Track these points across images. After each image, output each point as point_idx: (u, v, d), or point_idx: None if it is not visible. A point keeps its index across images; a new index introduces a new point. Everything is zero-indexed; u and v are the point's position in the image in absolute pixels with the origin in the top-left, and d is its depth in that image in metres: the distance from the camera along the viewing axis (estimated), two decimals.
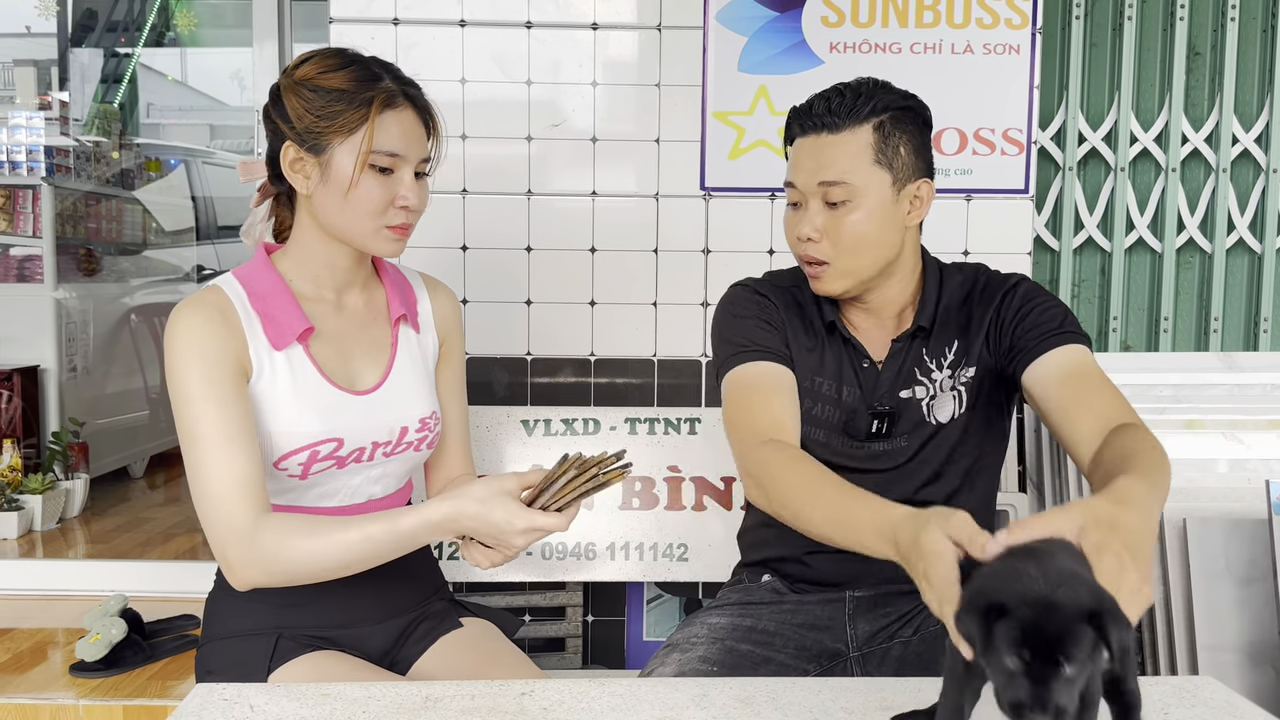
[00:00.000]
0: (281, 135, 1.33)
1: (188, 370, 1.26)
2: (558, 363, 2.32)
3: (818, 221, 1.39)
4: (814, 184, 1.38)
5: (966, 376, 1.44)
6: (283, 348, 1.32)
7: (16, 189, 3.82)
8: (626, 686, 1.12)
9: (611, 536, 2.11)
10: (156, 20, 5.51)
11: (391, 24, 2.23)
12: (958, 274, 1.50)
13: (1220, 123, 2.43)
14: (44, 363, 3.71)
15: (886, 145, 1.37)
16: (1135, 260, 2.50)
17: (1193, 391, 2.22)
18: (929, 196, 1.43)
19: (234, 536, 1.23)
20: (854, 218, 1.37)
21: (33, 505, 3.13)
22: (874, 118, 1.37)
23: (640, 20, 2.26)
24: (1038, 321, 1.38)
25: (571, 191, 2.29)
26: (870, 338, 1.49)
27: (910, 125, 1.40)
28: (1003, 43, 2.24)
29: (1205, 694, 1.11)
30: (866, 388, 1.46)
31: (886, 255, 1.41)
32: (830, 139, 1.38)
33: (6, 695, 1.91)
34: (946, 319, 1.46)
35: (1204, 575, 1.87)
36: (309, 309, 1.37)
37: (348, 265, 1.40)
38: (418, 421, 1.43)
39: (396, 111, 1.31)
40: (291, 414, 1.32)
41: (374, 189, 1.31)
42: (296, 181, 1.33)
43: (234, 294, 1.33)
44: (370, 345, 1.42)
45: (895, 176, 1.38)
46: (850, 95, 1.38)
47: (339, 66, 1.32)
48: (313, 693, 1.09)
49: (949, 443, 1.45)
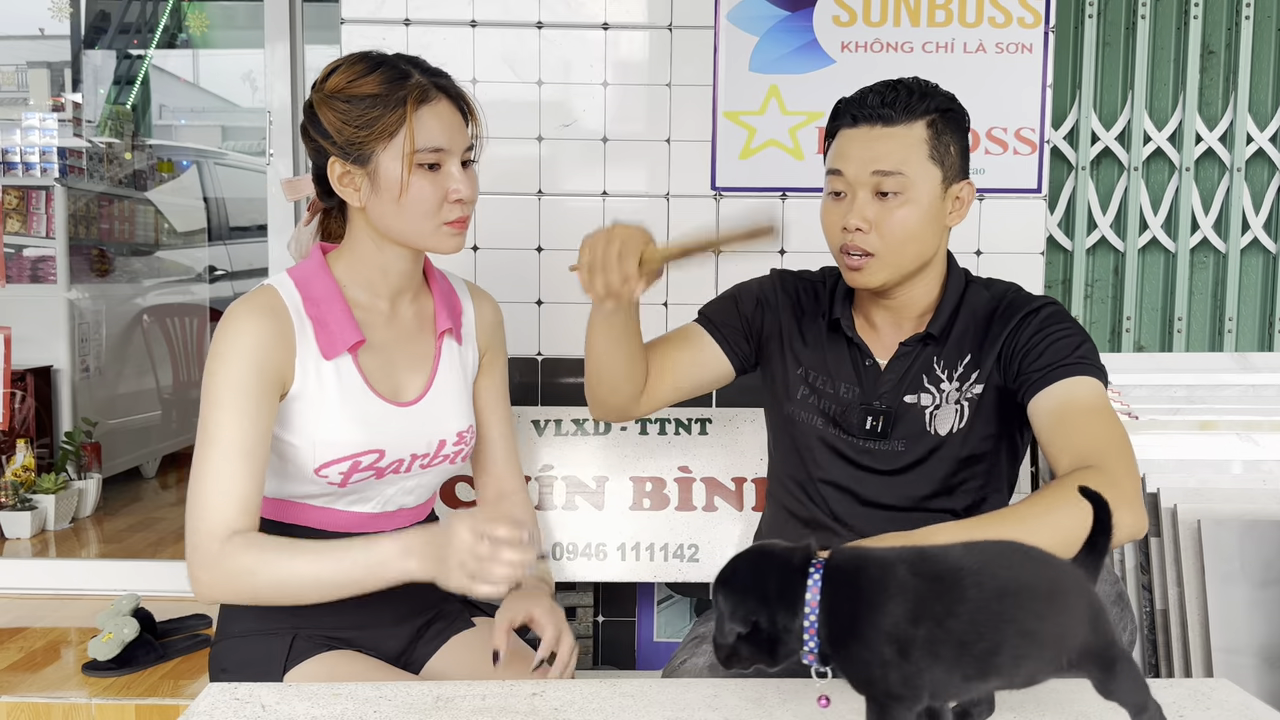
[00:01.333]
0: (324, 152, 1.32)
1: (225, 374, 1.26)
2: (569, 363, 2.32)
3: (868, 213, 1.38)
4: (866, 174, 1.37)
5: (972, 392, 1.43)
6: (333, 357, 1.32)
7: (30, 190, 3.83)
8: (637, 687, 1.12)
9: (622, 537, 2.10)
10: (169, 22, 5.52)
11: (403, 25, 2.23)
12: (985, 290, 1.48)
13: (1234, 122, 2.42)
14: (57, 363, 3.73)
15: (939, 142, 1.38)
16: (1149, 260, 2.49)
17: (1207, 392, 2.20)
18: (969, 199, 1.42)
19: (203, 555, 1.22)
20: (904, 211, 1.37)
21: (46, 505, 3.14)
22: (928, 115, 1.38)
23: (651, 20, 2.26)
24: (1050, 351, 1.36)
25: (582, 192, 2.29)
26: (881, 337, 1.48)
27: (957, 128, 1.41)
28: (1015, 42, 2.23)
29: (1220, 696, 1.10)
30: (867, 386, 1.47)
31: (926, 253, 1.41)
32: (885, 131, 1.38)
33: (20, 694, 1.92)
34: (965, 331, 1.45)
35: (1218, 577, 1.85)
36: (361, 318, 1.36)
37: (404, 269, 1.39)
38: (455, 435, 1.43)
39: (432, 105, 1.30)
40: (336, 424, 1.32)
41: (425, 188, 1.29)
42: (348, 195, 1.32)
43: (289, 297, 1.32)
44: (415, 357, 1.42)
45: (945, 174, 1.38)
46: (905, 91, 1.38)
47: (367, 71, 1.30)
48: (324, 692, 1.09)
49: (953, 457, 1.43)
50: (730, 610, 0.87)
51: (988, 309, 1.46)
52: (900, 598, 0.83)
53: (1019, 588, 0.84)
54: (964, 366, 1.44)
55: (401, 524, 1.44)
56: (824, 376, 1.49)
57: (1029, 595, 0.84)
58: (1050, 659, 0.84)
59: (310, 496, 1.37)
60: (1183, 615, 1.88)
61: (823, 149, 1.60)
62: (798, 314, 1.55)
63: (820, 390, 1.49)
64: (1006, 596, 0.83)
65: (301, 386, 1.31)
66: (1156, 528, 1.92)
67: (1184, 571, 1.89)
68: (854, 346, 1.48)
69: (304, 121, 1.35)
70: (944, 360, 1.44)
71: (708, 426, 2.15)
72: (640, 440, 2.11)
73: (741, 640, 0.87)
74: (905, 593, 0.83)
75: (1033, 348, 1.37)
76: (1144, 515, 1.19)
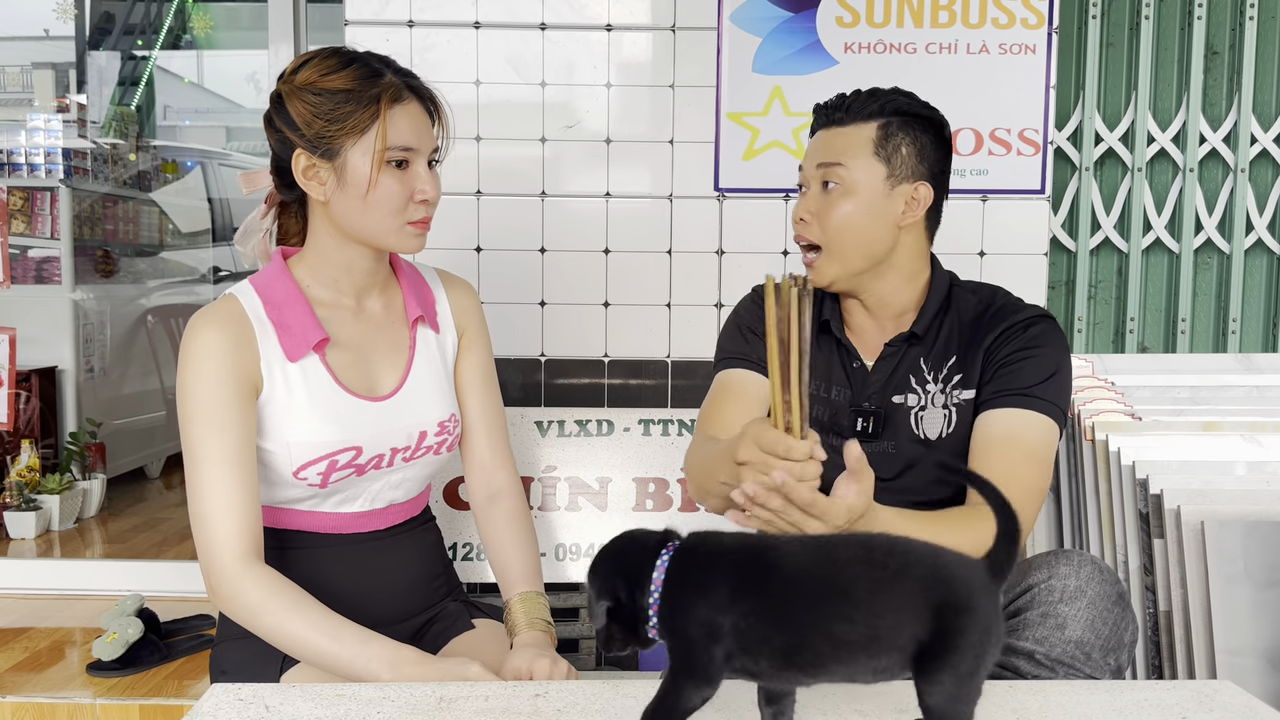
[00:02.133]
0: (289, 143, 1.31)
1: (196, 390, 1.27)
2: (571, 364, 2.32)
3: (812, 205, 1.43)
4: (813, 167, 1.43)
5: (961, 397, 1.43)
6: (298, 359, 1.32)
7: (34, 191, 3.84)
8: (640, 688, 1.12)
9: None
10: (173, 23, 5.54)
11: (406, 26, 2.24)
12: (972, 295, 1.49)
13: (1239, 122, 2.42)
14: (61, 363, 3.74)
15: (888, 142, 1.41)
16: (1152, 261, 2.49)
17: (1210, 393, 2.20)
18: (927, 200, 1.43)
19: (220, 571, 1.25)
20: (844, 203, 1.40)
21: (50, 505, 3.15)
22: (880, 117, 1.41)
23: (654, 21, 2.26)
24: (1021, 373, 1.38)
25: (585, 193, 2.29)
26: (866, 339, 1.50)
27: (919, 131, 1.43)
28: (1019, 43, 2.23)
29: (1224, 698, 1.10)
30: (856, 387, 1.48)
31: (874, 250, 1.42)
32: (838, 131, 1.43)
33: (24, 694, 1.92)
34: (951, 334, 1.46)
35: (1222, 579, 1.85)
36: (326, 316, 1.36)
37: (366, 267, 1.38)
38: (436, 425, 1.42)
39: (404, 105, 1.30)
40: (308, 424, 1.32)
41: (392, 186, 1.30)
42: (312, 189, 1.32)
43: (249, 304, 1.32)
44: (388, 349, 1.41)
45: (891, 171, 1.41)
46: (864, 95, 1.43)
47: (340, 66, 1.30)
48: (328, 693, 1.09)
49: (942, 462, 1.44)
50: (596, 591, 0.91)
51: (975, 312, 1.47)
52: (720, 586, 0.86)
53: (834, 591, 0.84)
54: (949, 368, 1.45)
55: (394, 520, 1.44)
56: (815, 381, 1.50)
57: (842, 599, 0.84)
58: (864, 664, 0.84)
59: (295, 501, 1.37)
60: (1186, 617, 1.88)
61: None
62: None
63: (813, 397, 1.49)
64: (819, 599, 0.84)
65: (270, 392, 1.30)
66: (1160, 529, 1.92)
67: (1187, 573, 1.88)
68: (842, 348, 1.50)
69: (268, 112, 1.35)
70: (930, 361, 1.45)
71: None
72: (643, 441, 2.11)
73: (611, 620, 0.91)
74: (725, 582, 0.86)
75: (1008, 362, 1.39)
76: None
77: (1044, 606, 1.20)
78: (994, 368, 1.40)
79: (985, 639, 0.82)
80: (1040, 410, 1.36)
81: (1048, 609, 1.20)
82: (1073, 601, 1.20)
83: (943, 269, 1.51)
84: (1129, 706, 1.07)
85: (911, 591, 0.84)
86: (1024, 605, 1.22)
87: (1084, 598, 1.20)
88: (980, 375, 1.42)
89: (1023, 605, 1.22)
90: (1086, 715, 1.05)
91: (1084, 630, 1.19)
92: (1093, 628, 1.19)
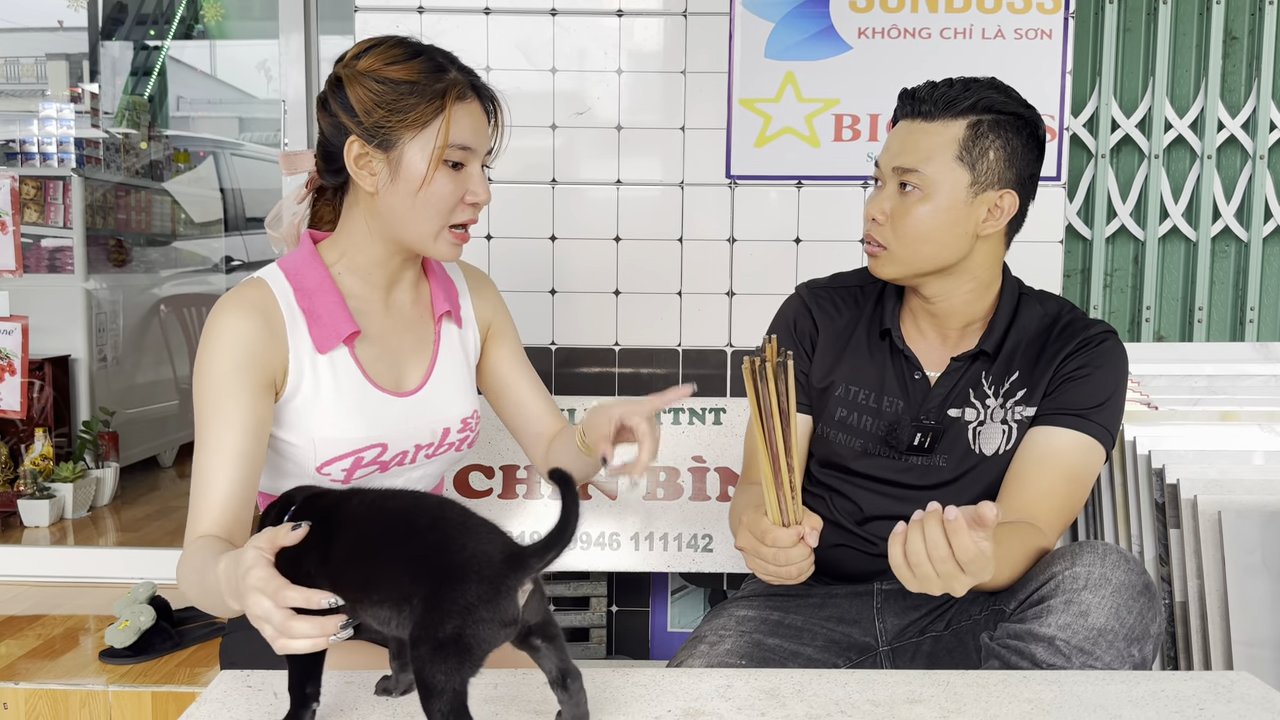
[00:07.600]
0: (343, 129, 1.26)
1: (213, 374, 1.22)
2: (582, 352, 2.32)
3: (886, 206, 1.38)
4: (890, 167, 1.38)
5: (1022, 414, 1.41)
6: (327, 351, 1.28)
7: (47, 180, 3.86)
8: (651, 677, 1.11)
9: (636, 527, 2.10)
10: (185, 13, 5.54)
11: (416, 12, 2.23)
12: (1038, 305, 1.46)
13: (1258, 108, 2.38)
14: (75, 352, 3.75)
15: (975, 145, 1.34)
16: (1169, 249, 2.46)
17: (1228, 382, 2.18)
18: (1011, 209, 1.38)
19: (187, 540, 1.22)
20: (921, 209, 1.35)
21: (64, 493, 3.16)
22: (971, 114, 1.35)
23: (666, 7, 2.25)
24: (1080, 393, 1.36)
25: (596, 180, 2.28)
26: (930, 351, 1.46)
27: (1011, 133, 1.36)
28: (1034, 27, 2.21)
29: (1241, 689, 1.09)
30: (914, 400, 1.44)
31: (946, 256, 1.38)
32: (923, 126, 1.37)
33: (38, 681, 1.93)
34: (1015, 349, 1.43)
35: (1239, 569, 1.83)
36: (356, 307, 1.32)
37: (400, 262, 1.35)
38: (459, 422, 1.40)
39: (467, 104, 1.27)
40: (335, 419, 1.28)
41: (446, 185, 1.26)
42: (362, 179, 1.27)
43: (280, 290, 1.28)
44: (415, 344, 1.38)
45: (975, 179, 1.35)
46: (956, 86, 1.36)
47: (405, 57, 1.26)
48: (337, 680, 1.09)
49: (995, 478, 1.41)
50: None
51: (1040, 325, 1.43)
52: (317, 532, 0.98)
53: (364, 539, 0.96)
54: (1010, 384, 1.42)
55: None
56: (865, 390, 1.46)
57: (367, 544, 0.95)
58: (370, 604, 0.94)
59: None
60: (1203, 607, 1.86)
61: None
62: (833, 328, 1.51)
63: (861, 406, 1.46)
64: (359, 541, 0.96)
65: (296, 384, 1.27)
66: (1177, 519, 1.90)
67: (1204, 563, 1.87)
68: (902, 358, 1.45)
69: (324, 94, 1.30)
70: (992, 376, 1.42)
71: (721, 416, 2.14)
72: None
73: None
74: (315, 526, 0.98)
75: (1073, 377, 1.38)
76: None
77: (1067, 594, 1.19)
78: (1059, 381, 1.39)
79: (467, 617, 0.87)
80: (1091, 434, 1.35)
81: (1071, 595, 1.18)
82: (1097, 589, 1.18)
83: (1012, 276, 1.47)
84: (1145, 697, 1.06)
85: (413, 551, 0.92)
86: (1048, 593, 1.20)
87: (1108, 585, 1.18)
88: (1045, 391, 1.40)
89: (1046, 593, 1.21)
90: (1102, 705, 1.04)
91: (1108, 618, 1.17)
92: (1117, 615, 1.17)
